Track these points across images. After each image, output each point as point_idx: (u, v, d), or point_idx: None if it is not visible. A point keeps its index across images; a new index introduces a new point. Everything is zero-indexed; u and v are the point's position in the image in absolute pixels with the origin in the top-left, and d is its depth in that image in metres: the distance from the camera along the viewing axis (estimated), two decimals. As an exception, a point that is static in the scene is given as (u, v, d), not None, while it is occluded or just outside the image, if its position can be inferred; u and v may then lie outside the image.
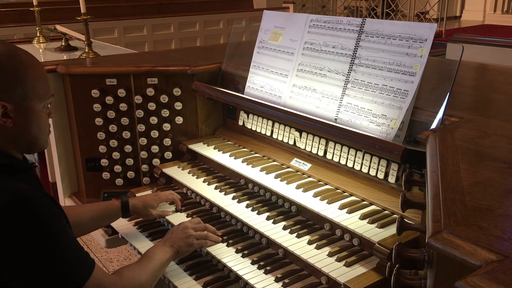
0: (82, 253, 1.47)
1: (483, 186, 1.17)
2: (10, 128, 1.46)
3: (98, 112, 2.62)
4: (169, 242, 1.89)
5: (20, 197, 1.35)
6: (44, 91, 1.53)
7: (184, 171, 2.48)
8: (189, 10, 8.32)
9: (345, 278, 1.58)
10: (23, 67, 1.46)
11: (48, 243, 1.37)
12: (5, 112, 1.44)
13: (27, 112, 1.48)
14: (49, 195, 1.48)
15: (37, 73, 1.50)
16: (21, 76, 1.45)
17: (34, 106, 1.50)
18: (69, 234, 1.46)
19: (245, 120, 2.54)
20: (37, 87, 1.49)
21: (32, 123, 1.51)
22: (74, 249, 1.45)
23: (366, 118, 1.94)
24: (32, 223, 1.34)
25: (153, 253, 1.82)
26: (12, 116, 1.45)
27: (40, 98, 1.51)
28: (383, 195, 1.87)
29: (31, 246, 1.34)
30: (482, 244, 0.92)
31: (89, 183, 2.75)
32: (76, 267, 1.43)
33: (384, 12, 9.86)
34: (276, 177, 2.13)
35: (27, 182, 1.45)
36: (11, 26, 6.33)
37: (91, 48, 3.96)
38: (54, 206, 1.45)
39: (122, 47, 5.58)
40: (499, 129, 1.62)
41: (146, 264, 1.75)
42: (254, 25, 2.56)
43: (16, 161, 1.51)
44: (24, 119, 1.48)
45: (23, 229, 1.33)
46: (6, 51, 1.46)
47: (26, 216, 1.34)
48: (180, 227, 1.95)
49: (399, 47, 1.88)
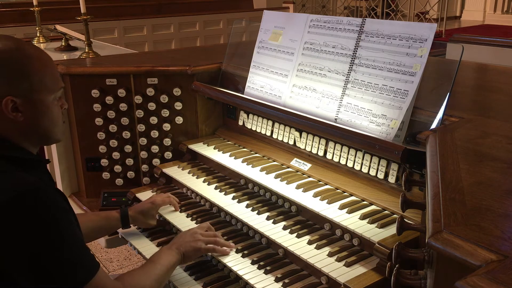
0: (87, 253, 1.46)
1: (483, 186, 1.17)
2: (21, 122, 1.45)
3: (98, 112, 2.62)
4: (176, 245, 1.85)
5: (30, 190, 1.35)
6: (53, 83, 1.52)
7: (184, 171, 2.48)
8: (189, 10, 8.31)
9: (345, 278, 1.58)
10: (28, 60, 1.45)
11: (54, 238, 1.36)
12: (15, 106, 1.43)
13: (36, 105, 1.47)
14: (59, 191, 1.47)
15: (44, 66, 1.49)
16: (27, 69, 1.44)
17: (43, 99, 1.48)
18: (76, 232, 1.45)
19: (245, 120, 2.54)
20: (44, 80, 1.48)
21: (43, 116, 1.50)
22: (79, 248, 1.44)
23: (366, 118, 1.94)
24: (40, 216, 1.34)
25: (158, 257, 1.78)
26: (22, 110, 1.44)
27: (49, 91, 1.50)
28: (383, 195, 1.87)
29: (36, 239, 1.33)
30: (482, 244, 0.92)
31: (89, 183, 2.75)
32: (79, 266, 1.41)
33: (384, 12, 9.86)
34: (276, 177, 2.13)
35: (39, 177, 1.44)
36: (11, 26, 6.33)
37: (91, 48, 3.96)
38: (63, 202, 1.44)
39: (122, 47, 5.58)
40: (499, 129, 1.62)
41: (150, 269, 1.72)
42: (254, 25, 2.56)
43: (28, 155, 1.50)
44: (35, 112, 1.47)
45: (30, 222, 1.32)
46: (11, 45, 1.45)
47: (35, 209, 1.33)
48: (189, 232, 1.92)
49: (399, 47, 1.88)
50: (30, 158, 1.50)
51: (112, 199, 2.59)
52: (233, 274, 1.85)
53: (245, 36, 3.29)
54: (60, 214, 1.39)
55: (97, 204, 2.62)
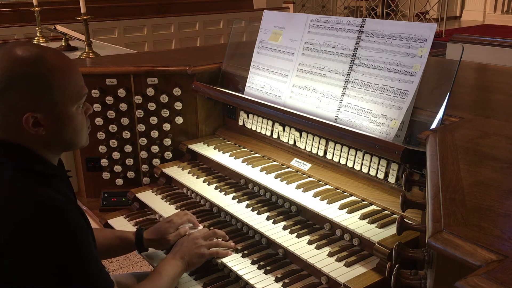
0: (103, 271, 1.44)
1: (483, 186, 1.17)
2: (43, 135, 1.39)
3: (98, 112, 2.62)
4: (179, 254, 1.82)
5: (49, 208, 1.30)
6: (77, 93, 1.44)
7: (184, 171, 2.48)
8: (189, 10, 8.32)
9: (345, 278, 1.58)
10: (50, 73, 1.37)
11: (71, 257, 1.33)
12: (36, 121, 1.36)
13: (59, 117, 1.41)
14: (78, 207, 1.43)
15: (67, 76, 1.40)
16: (49, 83, 1.36)
17: (67, 110, 1.41)
18: (93, 251, 1.41)
19: (245, 120, 2.54)
20: (67, 91, 1.40)
21: (66, 127, 1.43)
22: (96, 266, 1.41)
23: (366, 118, 1.94)
24: (58, 235, 1.30)
25: (163, 269, 1.76)
26: (44, 124, 1.38)
27: (72, 101, 1.42)
28: (383, 195, 1.87)
29: (54, 258, 1.30)
30: (482, 244, 0.92)
31: (89, 183, 2.75)
32: (95, 284, 1.39)
33: (384, 12, 9.87)
34: (276, 177, 2.13)
35: (59, 190, 1.40)
36: (11, 26, 6.34)
37: (91, 48, 3.97)
38: (82, 220, 1.39)
39: (122, 47, 5.59)
40: (499, 129, 1.62)
41: (157, 281, 1.71)
42: (254, 25, 2.56)
43: (51, 169, 1.45)
44: (57, 124, 1.41)
45: (48, 241, 1.29)
46: (30, 57, 1.35)
47: (53, 228, 1.30)
48: (189, 238, 1.89)
49: (399, 47, 1.88)
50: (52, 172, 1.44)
51: (112, 199, 2.59)
52: (233, 274, 1.85)
53: (245, 36, 3.29)
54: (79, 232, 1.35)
55: (97, 204, 2.62)
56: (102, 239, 1.89)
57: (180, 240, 1.91)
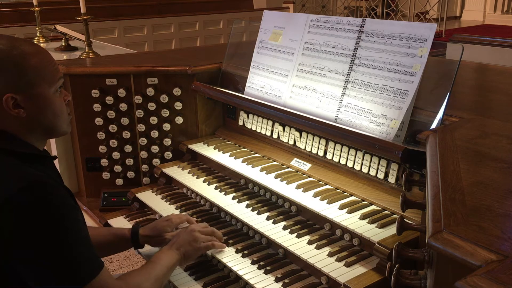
0: (92, 252, 1.45)
1: (483, 186, 1.17)
2: (24, 117, 1.47)
3: (98, 112, 2.62)
4: (176, 245, 1.83)
5: (39, 183, 1.35)
6: (51, 75, 1.52)
7: (184, 171, 2.48)
8: (189, 10, 8.32)
9: (345, 278, 1.58)
10: (23, 56, 1.46)
11: (59, 235, 1.36)
12: (16, 103, 1.44)
13: (38, 99, 1.49)
14: (67, 188, 1.47)
15: (40, 59, 1.50)
16: (23, 66, 1.45)
17: (44, 92, 1.50)
18: (81, 229, 1.44)
19: (245, 120, 2.54)
20: (42, 73, 1.49)
21: (45, 109, 1.51)
22: (84, 245, 1.43)
23: (366, 118, 1.94)
24: (47, 211, 1.34)
25: (158, 258, 1.77)
26: (24, 105, 1.46)
27: (48, 83, 1.51)
28: (383, 195, 1.87)
29: (40, 235, 1.33)
30: (482, 244, 0.92)
31: (89, 183, 2.75)
32: (83, 264, 1.41)
33: (384, 12, 9.87)
34: (276, 177, 2.13)
35: (45, 172, 1.45)
36: (11, 26, 6.33)
37: (91, 48, 3.97)
38: (70, 198, 1.44)
39: (122, 47, 5.59)
40: (499, 129, 1.62)
41: (151, 269, 1.71)
42: (254, 25, 2.56)
43: (35, 150, 1.52)
44: (36, 106, 1.49)
45: (35, 218, 1.32)
46: (6, 44, 1.46)
47: (42, 202, 1.34)
48: (187, 231, 1.89)
49: (399, 47, 1.88)
50: (37, 154, 1.51)
51: (112, 199, 2.59)
52: (233, 274, 1.85)
53: (245, 36, 3.29)
54: (66, 210, 1.39)
55: (97, 204, 2.62)
56: (97, 236, 1.91)
57: (177, 232, 1.92)
